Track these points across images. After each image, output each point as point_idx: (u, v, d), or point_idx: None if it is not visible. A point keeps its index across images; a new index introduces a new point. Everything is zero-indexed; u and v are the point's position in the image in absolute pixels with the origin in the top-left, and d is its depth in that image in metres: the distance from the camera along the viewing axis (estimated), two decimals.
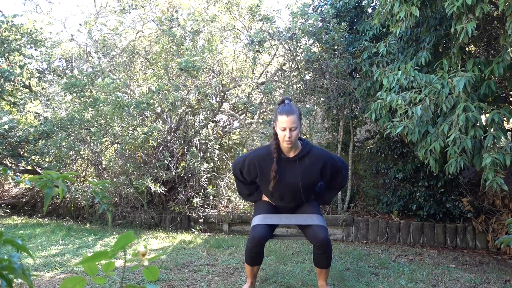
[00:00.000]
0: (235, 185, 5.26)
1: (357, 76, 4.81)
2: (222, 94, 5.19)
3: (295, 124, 2.19)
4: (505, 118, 2.86)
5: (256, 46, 4.67)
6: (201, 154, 4.92)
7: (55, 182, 0.92)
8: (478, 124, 2.80)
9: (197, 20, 5.06)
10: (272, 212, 2.45)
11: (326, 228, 2.28)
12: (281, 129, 2.20)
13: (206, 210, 4.89)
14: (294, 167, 2.29)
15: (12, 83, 5.87)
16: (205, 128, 5.15)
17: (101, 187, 1.07)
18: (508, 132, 3.99)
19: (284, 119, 2.18)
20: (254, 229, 2.28)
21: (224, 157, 5.27)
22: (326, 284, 2.39)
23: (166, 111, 5.10)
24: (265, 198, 2.55)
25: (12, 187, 6.90)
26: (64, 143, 4.88)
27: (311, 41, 4.94)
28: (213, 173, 5.04)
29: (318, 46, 4.95)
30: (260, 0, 4.89)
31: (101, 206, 1.05)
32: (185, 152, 4.93)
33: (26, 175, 5.69)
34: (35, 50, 6.15)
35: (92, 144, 5.11)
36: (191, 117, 5.28)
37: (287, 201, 2.42)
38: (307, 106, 4.97)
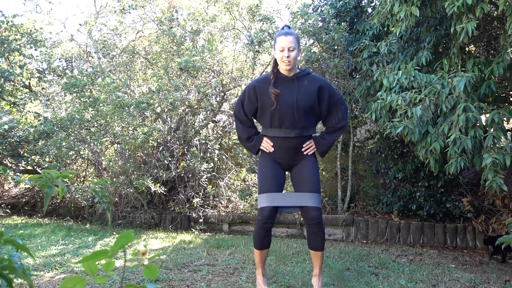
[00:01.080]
0: (235, 185, 5.27)
1: (357, 76, 4.82)
2: (222, 94, 5.20)
3: (293, 44, 2.26)
4: (505, 118, 2.86)
5: (256, 46, 4.67)
6: (201, 154, 4.92)
7: (54, 181, 0.92)
8: (478, 124, 2.80)
9: (197, 20, 5.06)
10: (275, 178, 2.38)
11: (320, 208, 2.32)
12: (280, 50, 2.27)
13: (206, 210, 4.89)
14: (292, 85, 2.34)
15: (12, 83, 5.87)
16: (205, 128, 5.15)
17: (101, 186, 1.07)
18: (508, 132, 3.99)
19: (283, 39, 2.26)
20: (262, 210, 2.31)
21: (224, 157, 5.27)
22: (321, 273, 2.38)
23: (166, 111, 5.10)
24: (264, 143, 2.43)
25: (12, 187, 6.90)
26: (64, 143, 4.89)
27: (311, 41, 4.94)
28: (213, 173, 5.04)
29: (318, 46, 4.94)
30: (260, 0, 4.89)
31: (101, 205, 1.05)
32: (185, 152, 4.94)
33: (26, 175, 5.69)
34: (35, 50, 6.16)
35: (92, 144, 5.11)
36: (191, 117, 5.28)
37: (286, 126, 2.33)
38: None
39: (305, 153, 2.40)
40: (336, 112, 2.41)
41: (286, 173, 2.54)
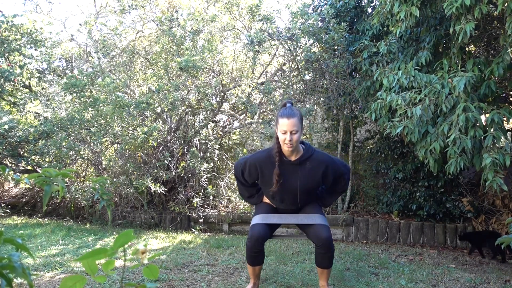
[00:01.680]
0: (235, 185, 5.27)
1: (357, 76, 4.82)
2: (222, 94, 5.20)
3: (296, 128, 2.17)
4: (505, 118, 2.86)
5: (256, 46, 4.67)
6: (201, 154, 4.92)
7: (54, 179, 0.92)
8: (478, 124, 2.80)
9: (197, 20, 5.06)
10: (272, 209, 2.46)
11: (328, 227, 2.28)
12: (282, 132, 2.19)
13: (206, 210, 4.89)
14: (295, 170, 2.29)
15: (12, 83, 5.87)
16: (205, 128, 5.15)
17: (100, 183, 1.07)
18: (508, 132, 3.99)
19: (285, 122, 2.16)
20: (252, 228, 2.28)
21: (224, 157, 5.27)
22: (328, 284, 2.38)
23: (166, 111, 5.10)
24: (266, 200, 2.55)
25: (12, 187, 6.90)
26: (64, 143, 4.89)
27: (311, 41, 4.94)
28: (213, 173, 5.04)
29: (318, 46, 4.95)
30: (260, 0, 4.89)
31: (101, 202, 1.05)
32: (185, 152, 4.93)
33: (26, 175, 5.68)
34: (35, 50, 6.16)
35: (92, 144, 5.11)
36: (191, 117, 5.28)
37: (287, 204, 2.42)
38: (307, 106, 4.97)
39: None
40: (340, 181, 2.42)
41: None
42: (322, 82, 4.82)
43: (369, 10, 4.81)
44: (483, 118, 3.18)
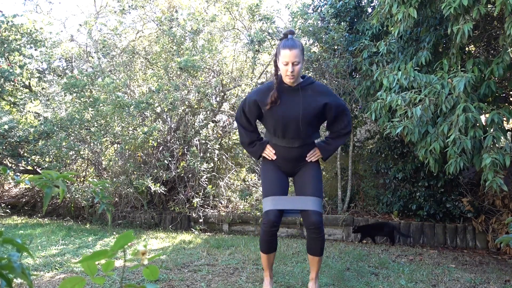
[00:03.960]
0: (235, 185, 5.27)
1: (357, 76, 4.82)
2: (222, 94, 5.20)
3: (297, 59, 2.17)
4: (504, 118, 2.86)
5: (256, 46, 4.67)
6: (201, 154, 4.92)
7: (55, 182, 0.92)
8: (478, 125, 2.80)
9: (197, 20, 5.06)
10: (279, 182, 2.37)
11: (321, 213, 2.27)
12: (284, 64, 2.18)
13: (206, 210, 4.89)
14: (297, 95, 2.26)
15: (12, 83, 5.87)
16: (205, 128, 5.15)
17: (101, 187, 1.07)
18: (508, 132, 3.99)
19: (287, 53, 2.16)
20: (267, 214, 2.26)
21: (224, 157, 5.27)
22: (317, 277, 2.37)
23: (166, 111, 5.10)
24: (267, 151, 2.41)
25: (12, 187, 6.90)
26: (64, 143, 4.89)
27: (311, 41, 4.94)
28: (213, 173, 5.04)
29: (318, 46, 4.95)
30: (260, 0, 4.89)
31: (101, 205, 1.05)
32: (185, 152, 4.93)
33: (26, 175, 5.69)
34: (35, 50, 6.16)
35: (92, 144, 5.11)
36: (191, 117, 5.28)
37: (290, 136, 2.31)
38: None
39: (308, 160, 2.38)
40: (342, 118, 2.36)
41: (289, 178, 2.52)
42: (322, 82, 4.82)
43: (369, 10, 4.81)
44: (483, 118, 3.18)
